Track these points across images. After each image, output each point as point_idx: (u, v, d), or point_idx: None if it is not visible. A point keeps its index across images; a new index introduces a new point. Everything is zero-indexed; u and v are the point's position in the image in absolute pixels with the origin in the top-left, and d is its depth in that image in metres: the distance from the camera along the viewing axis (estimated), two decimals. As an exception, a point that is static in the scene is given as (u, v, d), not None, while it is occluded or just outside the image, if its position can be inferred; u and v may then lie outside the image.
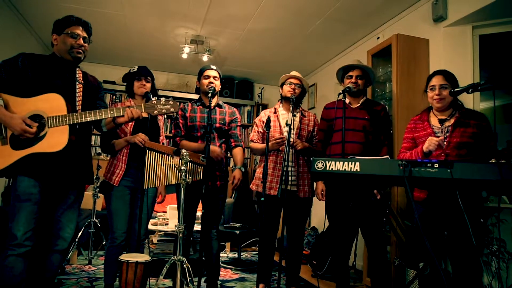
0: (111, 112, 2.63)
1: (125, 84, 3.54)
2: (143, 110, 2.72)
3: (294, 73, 3.80)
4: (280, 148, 3.64)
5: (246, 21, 5.07)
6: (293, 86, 3.71)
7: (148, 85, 3.46)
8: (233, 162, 3.74)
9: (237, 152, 3.70)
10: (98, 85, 2.95)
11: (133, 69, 3.47)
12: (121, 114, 2.67)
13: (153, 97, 3.27)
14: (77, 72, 2.76)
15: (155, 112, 2.72)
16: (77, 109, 2.66)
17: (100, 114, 2.60)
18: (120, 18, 5.15)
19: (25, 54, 2.59)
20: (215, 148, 3.45)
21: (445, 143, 2.75)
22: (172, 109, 2.74)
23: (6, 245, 2.44)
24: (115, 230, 3.24)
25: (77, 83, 2.72)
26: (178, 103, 2.81)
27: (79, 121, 2.53)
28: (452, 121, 2.81)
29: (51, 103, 2.51)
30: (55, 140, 2.49)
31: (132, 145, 3.26)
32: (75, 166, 2.67)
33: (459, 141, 2.73)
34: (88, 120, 2.55)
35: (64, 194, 2.69)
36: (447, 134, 2.78)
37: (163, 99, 2.75)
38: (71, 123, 2.51)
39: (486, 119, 2.78)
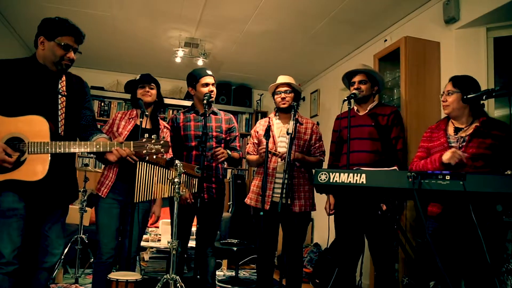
0: (97, 147, 2.61)
1: (121, 92, 3.54)
2: (132, 149, 2.70)
3: (281, 79, 3.77)
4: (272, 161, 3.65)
5: (244, 22, 5.10)
6: (282, 95, 3.69)
7: (153, 92, 3.47)
8: None
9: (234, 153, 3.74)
10: (83, 90, 2.90)
11: (136, 78, 3.48)
12: (108, 150, 2.66)
13: (159, 106, 3.41)
14: (60, 81, 2.71)
15: (143, 152, 2.70)
16: (59, 126, 2.61)
17: (86, 146, 2.59)
18: (108, 19, 5.17)
19: (1, 62, 2.52)
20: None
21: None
22: (162, 150, 2.73)
23: None
24: (102, 246, 3.24)
25: (59, 96, 2.66)
26: (169, 143, 2.81)
27: (62, 152, 2.49)
28: (470, 130, 2.81)
29: (34, 127, 2.47)
30: (34, 169, 2.45)
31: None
32: (59, 187, 2.64)
33: (475, 152, 2.72)
34: (71, 151, 2.53)
35: (50, 210, 2.67)
36: (463, 144, 2.78)
37: (154, 136, 2.74)
38: (53, 152, 2.48)
39: (506, 130, 2.76)
